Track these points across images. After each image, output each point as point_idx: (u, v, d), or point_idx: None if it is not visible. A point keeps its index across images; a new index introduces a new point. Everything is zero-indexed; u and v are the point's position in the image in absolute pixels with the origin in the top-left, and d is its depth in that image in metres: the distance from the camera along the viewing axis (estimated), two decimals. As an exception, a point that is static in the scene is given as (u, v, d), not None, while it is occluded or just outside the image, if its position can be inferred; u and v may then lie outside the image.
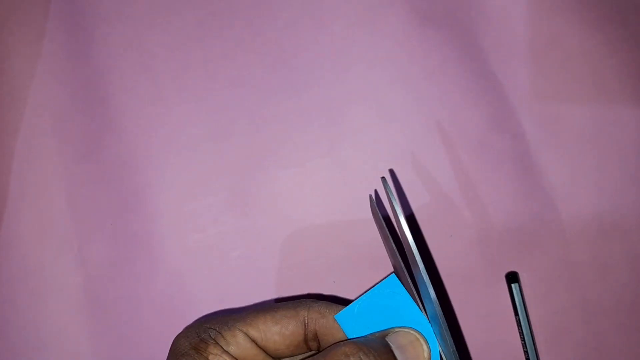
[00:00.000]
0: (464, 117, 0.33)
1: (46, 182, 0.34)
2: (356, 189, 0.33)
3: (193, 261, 0.33)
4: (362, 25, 0.34)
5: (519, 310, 0.32)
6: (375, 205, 0.28)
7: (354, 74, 0.34)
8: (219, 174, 0.34)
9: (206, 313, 0.33)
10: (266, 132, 0.34)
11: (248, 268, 0.33)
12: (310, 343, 0.27)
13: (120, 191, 0.34)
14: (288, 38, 0.34)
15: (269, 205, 0.34)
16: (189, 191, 0.34)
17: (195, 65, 0.35)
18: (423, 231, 0.33)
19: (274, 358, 0.27)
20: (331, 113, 0.34)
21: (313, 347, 0.27)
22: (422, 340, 0.25)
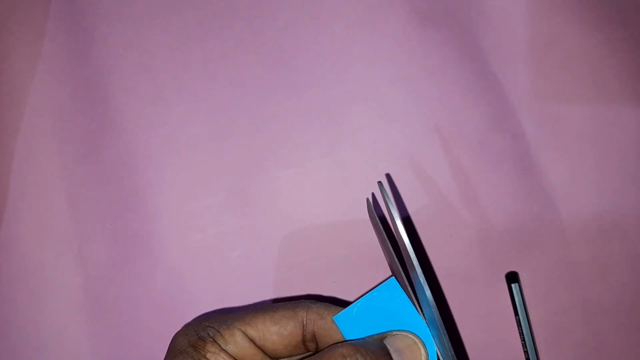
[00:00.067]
0: (464, 117, 0.33)
1: (46, 182, 0.34)
2: (356, 189, 0.33)
3: (193, 261, 0.33)
4: (362, 25, 0.34)
5: (519, 310, 0.32)
6: (372, 209, 0.28)
7: (354, 74, 0.34)
8: (219, 174, 0.34)
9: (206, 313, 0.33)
10: (266, 132, 0.34)
11: (248, 268, 0.33)
12: (308, 344, 0.27)
13: (120, 191, 0.34)
14: (288, 38, 0.34)
15: (268, 205, 0.34)
16: (189, 191, 0.34)
17: (195, 65, 0.35)
18: (423, 231, 0.33)
19: (272, 358, 0.27)
20: (331, 113, 0.34)
21: (311, 348, 0.27)
22: (420, 343, 0.25)
